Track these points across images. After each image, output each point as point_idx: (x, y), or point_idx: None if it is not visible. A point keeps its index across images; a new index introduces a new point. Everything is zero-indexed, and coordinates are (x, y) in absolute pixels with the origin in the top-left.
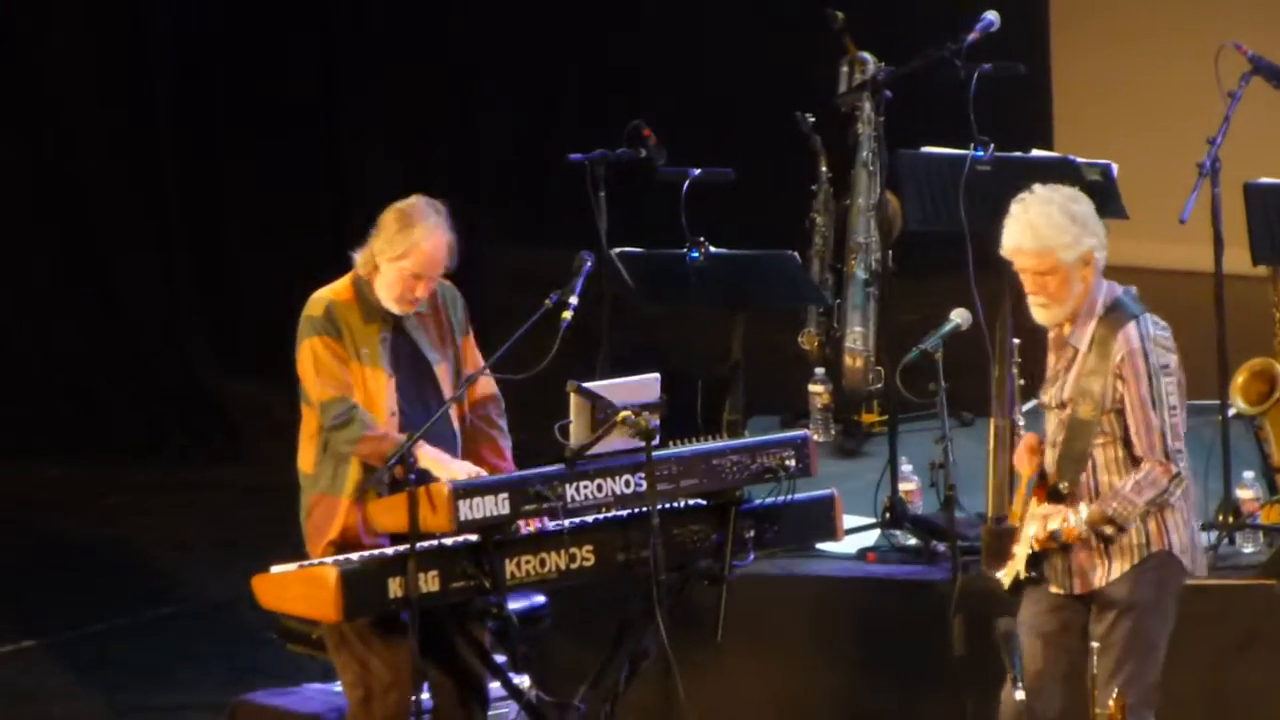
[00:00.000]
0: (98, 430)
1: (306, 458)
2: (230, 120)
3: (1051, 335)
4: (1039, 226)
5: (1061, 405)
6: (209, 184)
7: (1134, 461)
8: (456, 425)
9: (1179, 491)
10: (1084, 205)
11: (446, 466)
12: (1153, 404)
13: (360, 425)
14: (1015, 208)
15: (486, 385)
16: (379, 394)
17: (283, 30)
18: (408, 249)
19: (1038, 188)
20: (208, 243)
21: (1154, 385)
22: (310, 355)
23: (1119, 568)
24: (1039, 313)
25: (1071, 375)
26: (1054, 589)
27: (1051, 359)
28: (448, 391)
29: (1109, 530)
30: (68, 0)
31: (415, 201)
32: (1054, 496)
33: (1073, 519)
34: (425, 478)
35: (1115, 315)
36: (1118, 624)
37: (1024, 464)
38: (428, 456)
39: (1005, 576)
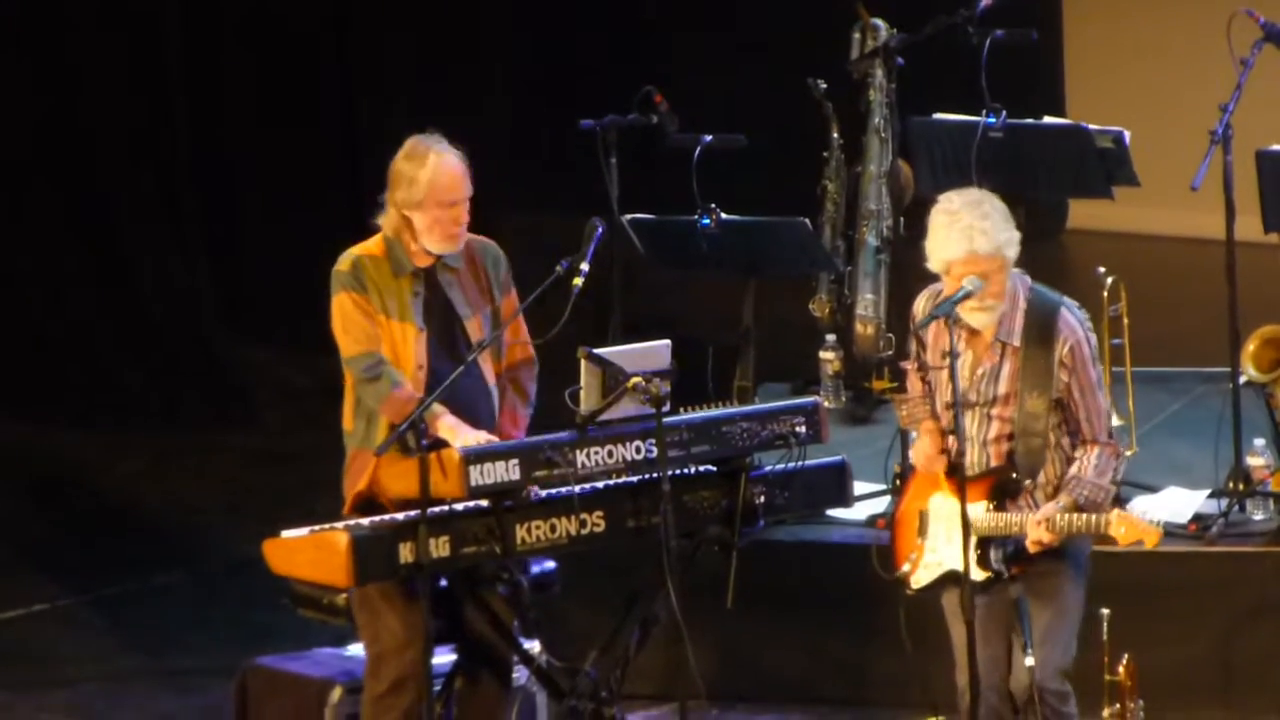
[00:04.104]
0: (110, 396)
1: (347, 414)
2: (244, 84)
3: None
4: (987, 229)
5: (992, 401)
6: (222, 149)
7: (1070, 444)
8: (492, 383)
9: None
10: (1000, 202)
11: (462, 436)
12: (1097, 388)
13: (388, 383)
14: (944, 218)
15: (524, 349)
16: (406, 348)
17: None
18: (430, 185)
19: (953, 194)
20: (221, 208)
21: (1096, 370)
22: (339, 312)
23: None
24: (981, 317)
25: (1007, 370)
26: (984, 574)
27: (965, 355)
28: None
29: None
30: None
31: (414, 143)
32: (1004, 490)
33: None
34: (438, 444)
35: (1040, 304)
36: (1050, 590)
37: (930, 464)
38: (446, 425)
39: (920, 575)
